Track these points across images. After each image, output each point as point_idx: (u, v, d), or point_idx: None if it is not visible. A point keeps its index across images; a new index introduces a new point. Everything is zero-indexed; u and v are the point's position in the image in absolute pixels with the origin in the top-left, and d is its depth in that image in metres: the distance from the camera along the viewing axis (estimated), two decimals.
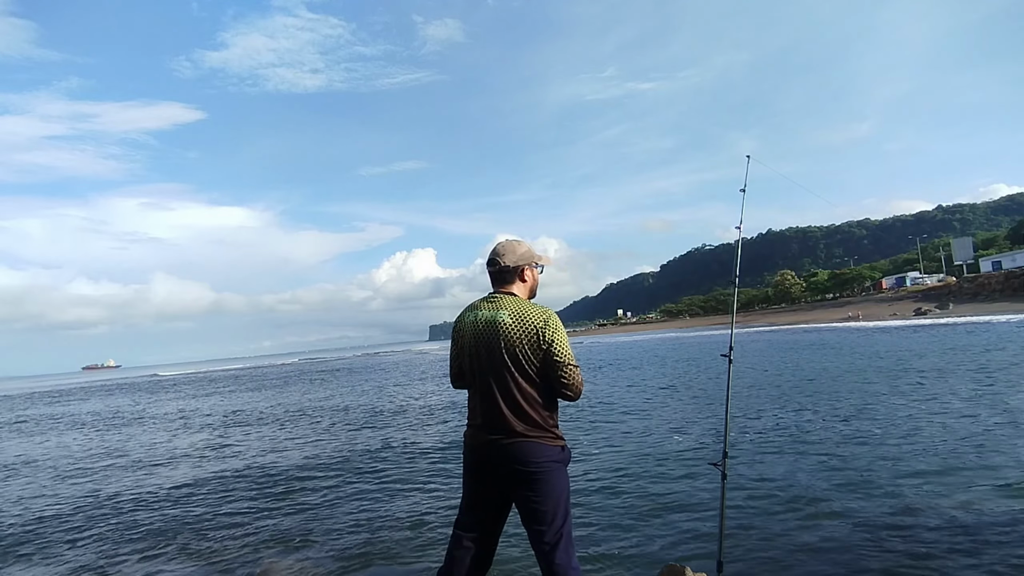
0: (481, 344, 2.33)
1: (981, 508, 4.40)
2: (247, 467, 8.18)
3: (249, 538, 4.98)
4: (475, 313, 2.39)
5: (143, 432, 13.65)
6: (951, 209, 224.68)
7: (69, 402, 28.90)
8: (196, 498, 6.58)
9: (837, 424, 7.92)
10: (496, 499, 2.36)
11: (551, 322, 2.28)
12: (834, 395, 10.62)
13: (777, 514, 4.59)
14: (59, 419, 19.23)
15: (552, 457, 2.28)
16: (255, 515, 5.68)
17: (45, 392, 45.28)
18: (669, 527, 4.50)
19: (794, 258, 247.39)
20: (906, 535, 4.00)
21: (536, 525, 2.29)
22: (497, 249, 2.46)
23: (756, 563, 3.73)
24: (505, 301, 2.36)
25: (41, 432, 15.55)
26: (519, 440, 2.25)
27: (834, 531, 4.17)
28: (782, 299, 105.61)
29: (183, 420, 15.63)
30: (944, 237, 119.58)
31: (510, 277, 2.43)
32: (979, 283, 59.14)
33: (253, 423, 13.58)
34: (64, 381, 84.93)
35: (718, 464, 3.16)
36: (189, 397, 25.29)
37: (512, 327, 2.28)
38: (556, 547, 2.26)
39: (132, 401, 25.43)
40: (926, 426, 7.34)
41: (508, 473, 2.28)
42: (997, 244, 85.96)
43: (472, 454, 2.39)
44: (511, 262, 2.42)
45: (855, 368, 14.88)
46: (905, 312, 54.24)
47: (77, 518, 6.12)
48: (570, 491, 2.38)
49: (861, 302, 73.51)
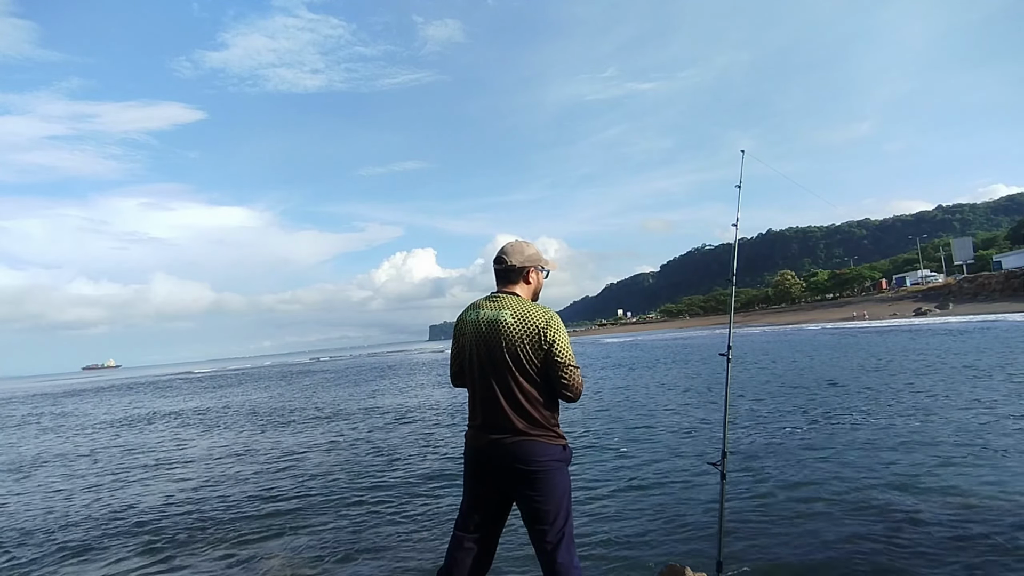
0: (482, 343, 2.34)
1: (983, 508, 4.40)
2: (248, 467, 8.20)
3: (248, 537, 4.99)
4: (477, 312, 2.40)
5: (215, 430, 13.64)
6: (951, 209, 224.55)
7: (119, 400, 28.90)
8: (199, 498, 6.59)
9: (837, 424, 7.92)
10: (497, 499, 2.37)
11: (552, 322, 2.29)
12: (834, 395, 10.62)
13: (777, 514, 4.60)
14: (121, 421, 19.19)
15: (554, 456, 2.29)
16: (255, 515, 5.69)
17: (75, 390, 45.25)
18: (669, 527, 4.51)
19: (794, 258, 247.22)
20: (906, 535, 4.01)
21: (538, 525, 2.29)
22: (505, 248, 2.49)
23: (756, 563, 3.74)
24: (508, 301, 2.37)
25: (83, 430, 15.55)
26: (520, 439, 2.26)
27: (834, 531, 4.18)
28: (782, 299, 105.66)
29: (239, 417, 15.64)
30: (944, 237, 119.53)
31: (515, 277, 2.46)
32: (979, 283, 59.14)
33: (258, 423, 13.59)
34: (65, 381, 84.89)
35: (717, 464, 3.17)
36: (234, 394, 25.31)
37: (513, 327, 2.29)
38: (558, 547, 2.27)
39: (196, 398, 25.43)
40: (927, 426, 7.34)
41: (509, 473, 2.28)
42: (997, 244, 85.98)
43: (473, 454, 2.39)
44: (517, 262, 2.44)
45: (855, 368, 14.88)
46: (905, 312, 54.26)
47: (75, 517, 6.13)
48: (571, 491, 2.39)
49: (861, 302, 73.53)
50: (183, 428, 13.85)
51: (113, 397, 29.95)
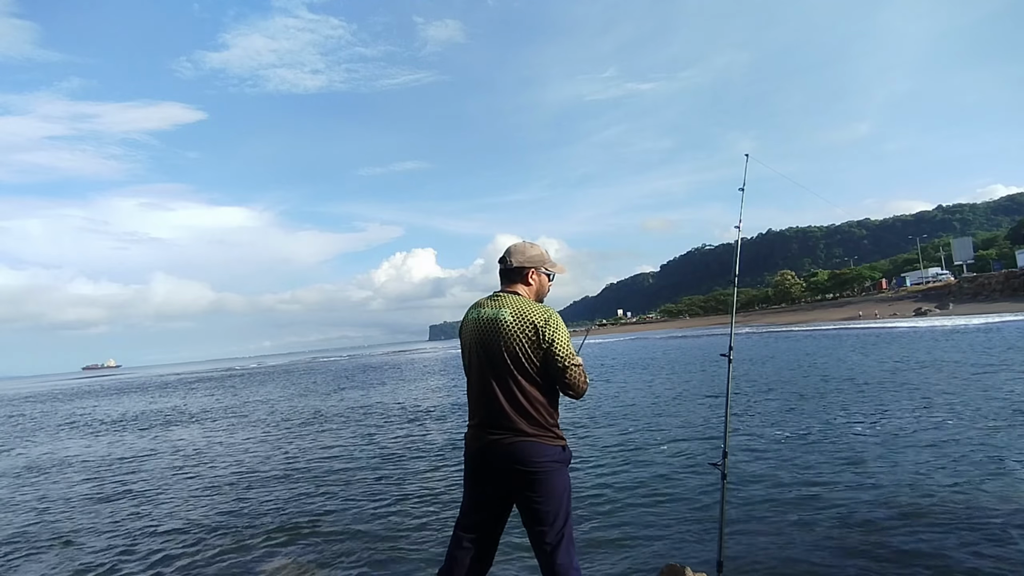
0: (482, 341, 2.34)
1: (984, 508, 4.40)
2: (249, 467, 8.20)
3: (248, 537, 4.98)
4: (478, 311, 2.42)
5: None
6: (951, 209, 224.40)
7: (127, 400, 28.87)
8: (203, 498, 6.59)
9: (837, 424, 7.91)
10: (497, 500, 2.36)
11: (552, 320, 2.29)
12: (834, 395, 10.61)
13: (777, 514, 4.59)
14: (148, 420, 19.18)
15: (553, 457, 2.28)
16: (255, 514, 5.68)
17: (86, 390, 45.20)
18: (669, 527, 4.50)
19: (794, 258, 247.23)
20: (907, 535, 4.00)
21: (537, 526, 2.29)
22: (510, 248, 2.51)
23: (756, 563, 3.73)
24: (508, 300, 2.38)
25: (105, 429, 15.53)
26: (520, 440, 2.25)
27: (834, 531, 4.17)
28: (782, 299, 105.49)
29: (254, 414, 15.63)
30: (944, 237, 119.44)
31: (515, 277, 2.47)
32: (979, 283, 59.11)
33: (263, 423, 13.59)
34: (65, 381, 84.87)
35: (718, 464, 3.16)
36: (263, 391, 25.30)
37: (512, 324, 2.29)
38: (557, 548, 2.26)
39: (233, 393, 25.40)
40: (928, 426, 7.33)
41: (509, 474, 2.28)
42: (997, 244, 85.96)
43: (472, 455, 2.39)
44: (517, 262, 2.45)
45: (855, 368, 14.87)
46: (905, 312, 54.21)
47: (79, 515, 6.13)
48: (571, 491, 2.38)
49: (861, 302, 73.46)
50: (183, 429, 13.85)
51: (125, 398, 29.91)
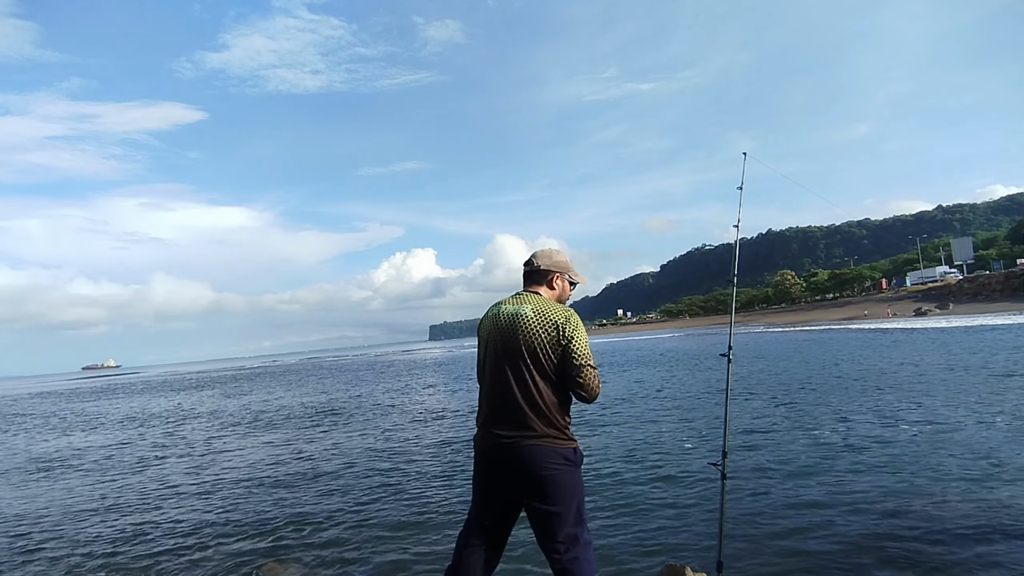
0: (501, 336, 2.35)
1: (985, 508, 4.40)
2: (249, 467, 8.20)
3: (249, 537, 4.99)
4: (499, 308, 2.44)
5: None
6: (951, 209, 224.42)
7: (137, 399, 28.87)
8: (205, 498, 6.60)
9: (837, 424, 7.92)
10: (506, 501, 2.34)
11: (572, 320, 2.32)
12: (834, 395, 10.61)
13: (777, 514, 4.59)
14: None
15: (565, 459, 2.26)
16: (255, 514, 5.69)
17: (90, 390, 45.21)
18: (669, 527, 4.51)
19: (794, 258, 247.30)
20: (907, 535, 4.00)
21: (548, 529, 2.26)
22: (536, 252, 2.59)
23: (756, 563, 3.74)
24: (531, 298, 2.41)
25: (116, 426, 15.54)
26: (531, 444, 2.23)
27: (834, 531, 4.18)
28: (782, 299, 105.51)
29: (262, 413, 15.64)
30: (944, 237, 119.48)
31: (539, 279, 2.52)
32: (979, 283, 59.11)
33: (266, 423, 13.59)
34: (66, 381, 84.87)
35: (718, 464, 3.16)
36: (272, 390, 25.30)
37: (533, 320, 2.31)
38: (569, 550, 2.23)
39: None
40: (928, 426, 7.34)
41: (519, 476, 2.26)
42: (997, 244, 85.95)
43: (482, 457, 2.38)
44: (544, 265, 2.52)
45: (855, 368, 14.87)
46: (905, 312, 54.20)
47: (75, 515, 6.13)
48: (584, 493, 2.35)
49: (861, 302, 73.44)
50: (188, 427, 13.86)
51: (128, 398, 29.92)
